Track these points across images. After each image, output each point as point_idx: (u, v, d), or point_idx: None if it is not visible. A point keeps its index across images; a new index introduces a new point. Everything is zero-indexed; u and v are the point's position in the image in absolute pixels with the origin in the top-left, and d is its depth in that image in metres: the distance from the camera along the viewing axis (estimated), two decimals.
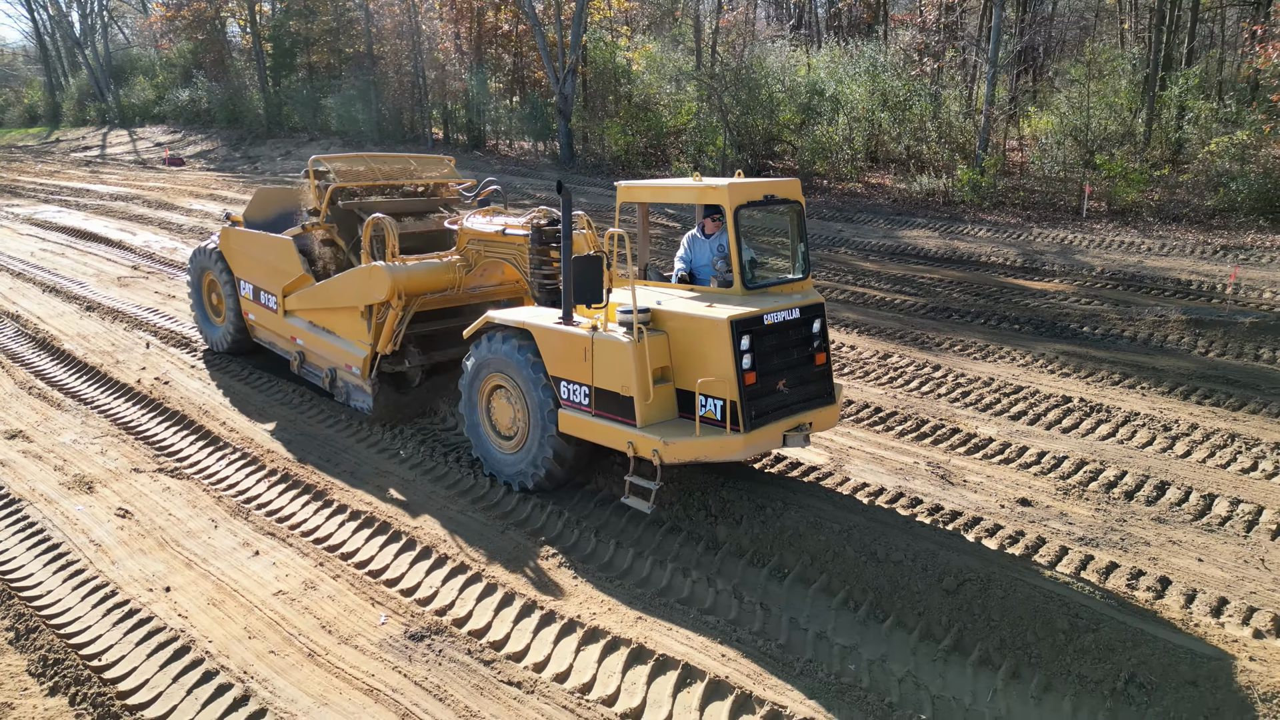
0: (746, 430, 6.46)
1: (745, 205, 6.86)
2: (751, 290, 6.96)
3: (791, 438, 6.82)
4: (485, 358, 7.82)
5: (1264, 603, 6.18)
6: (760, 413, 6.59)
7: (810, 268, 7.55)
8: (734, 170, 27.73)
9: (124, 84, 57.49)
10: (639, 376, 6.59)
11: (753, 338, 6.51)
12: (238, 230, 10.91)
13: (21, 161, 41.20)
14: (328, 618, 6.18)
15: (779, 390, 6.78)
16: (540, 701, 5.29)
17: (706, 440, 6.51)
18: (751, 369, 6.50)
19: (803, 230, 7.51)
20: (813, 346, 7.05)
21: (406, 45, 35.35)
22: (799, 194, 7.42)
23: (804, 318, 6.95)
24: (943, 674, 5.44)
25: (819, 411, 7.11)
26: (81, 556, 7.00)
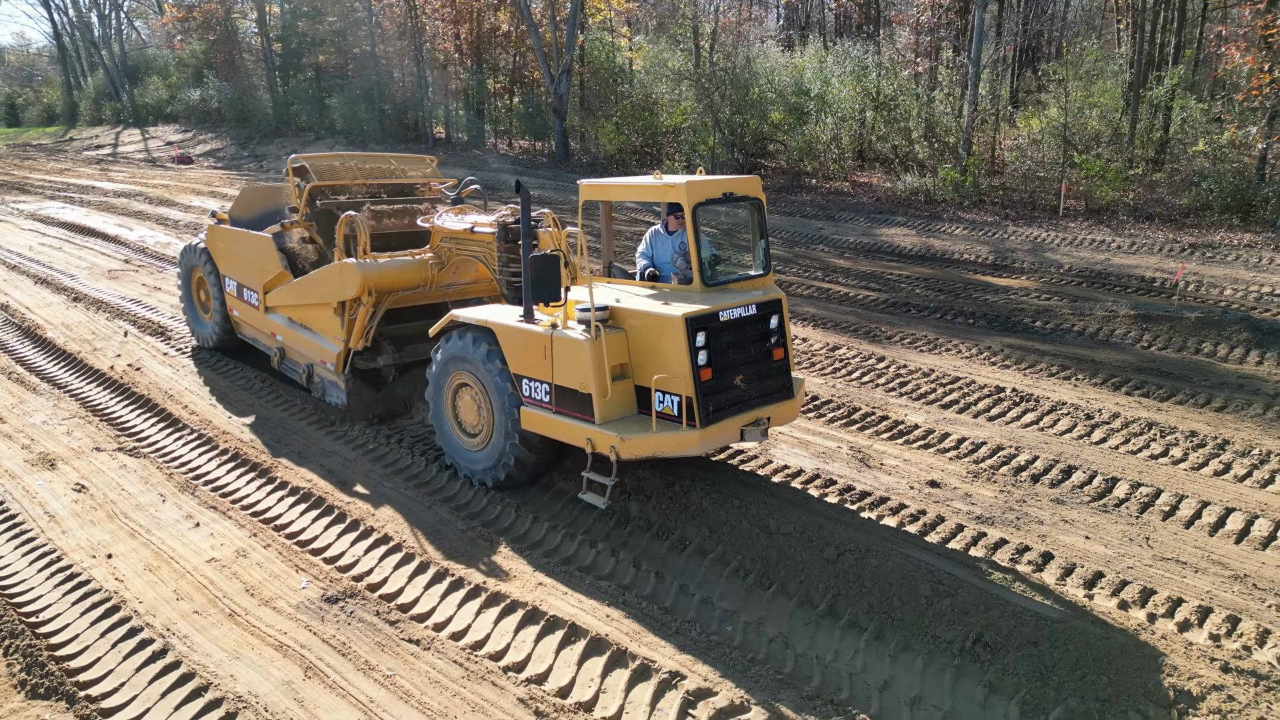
0: (703, 426, 6.51)
1: (704, 203, 6.92)
2: (711, 287, 7.02)
3: (749, 432, 6.88)
4: (450, 356, 7.88)
5: (1137, 577, 6.49)
6: (717, 408, 6.64)
7: (771, 264, 7.62)
8: (720, 169, 27.99)
9: (139, 84, 58.44)
10: (596, 373, 6.64)
11: (708, 334, 6.56)
12: (222, 228, 11.07)
13: (34, 159, 42.06)
14: (253, 582, 6.60)
15: (736, 386, 6.82)
16: (434, 656, 5.69)
17: (663, 436, 6.57)
18: (707, 365, 6.55)
19: (763, 227, 7.55)
20: (770, 342, 7.09)
21: (409, 46, 35.87)
22: (759, 191, 7.47)
23: (761, 314, 6.98)
24: (813, 635, 5.80)
25: (777, 406, 7.15)
26: (34, 526, 7.45)
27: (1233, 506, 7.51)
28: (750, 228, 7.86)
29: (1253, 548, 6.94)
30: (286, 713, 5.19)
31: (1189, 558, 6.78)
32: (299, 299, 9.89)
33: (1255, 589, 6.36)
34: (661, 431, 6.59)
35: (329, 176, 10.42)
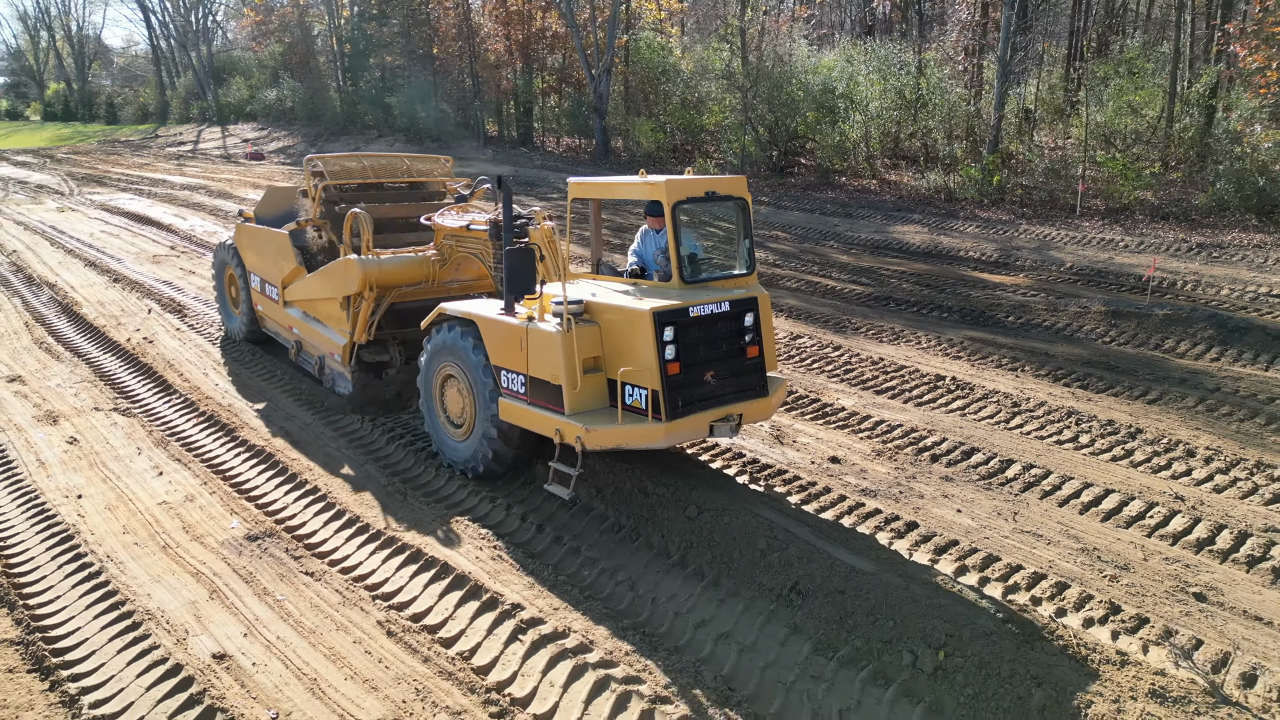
0: (668, 420, 6.60)
1: (685, 202, 7.03)
2: (690, 284, 7.07)
3: (719, 428, 6.96)
4: (437, 347, 8.09)
5: (988, 546, 6.88)
6: (685, 403, 6.71)
7: (755, 263, 7.69)
8: (754, 167, 28.37)
9: (223, 84, 61.53)
10: (566, 365, 6.76)
11: (677, 329, 6.63)
12: (248, 226, 11.64)
13: (120, 154, 44.79)
14: (191, 521, 7.48)
15: (706, 381, 6.88)
16: (321, 586, 6.46)
17: (628, 428, 6.68)
18: (675, 360, 6.63)
19: (748, 227, 7.58)
20: (744, 340, 7.13)
21: (463, 47, 37.14)
22: (744, 191, 7.51)
23: (735, 311, 7.02)
24: (658, 580, 6.38)
25: (750, 403, 7.18)
26: (25, 471, 8.50)
27: (1113, 488, 7.79)
28: (735, 227, 7.86)
29: (1115, 525, 7.24)
30: (183, 624, 6.01)
31: (1047, 532, 7.13)
32: (311, 293, 10.22)
33: (1098, 561, 6.69)
34: (627, 424, 6.70)
35: (343, 176, 10.77)
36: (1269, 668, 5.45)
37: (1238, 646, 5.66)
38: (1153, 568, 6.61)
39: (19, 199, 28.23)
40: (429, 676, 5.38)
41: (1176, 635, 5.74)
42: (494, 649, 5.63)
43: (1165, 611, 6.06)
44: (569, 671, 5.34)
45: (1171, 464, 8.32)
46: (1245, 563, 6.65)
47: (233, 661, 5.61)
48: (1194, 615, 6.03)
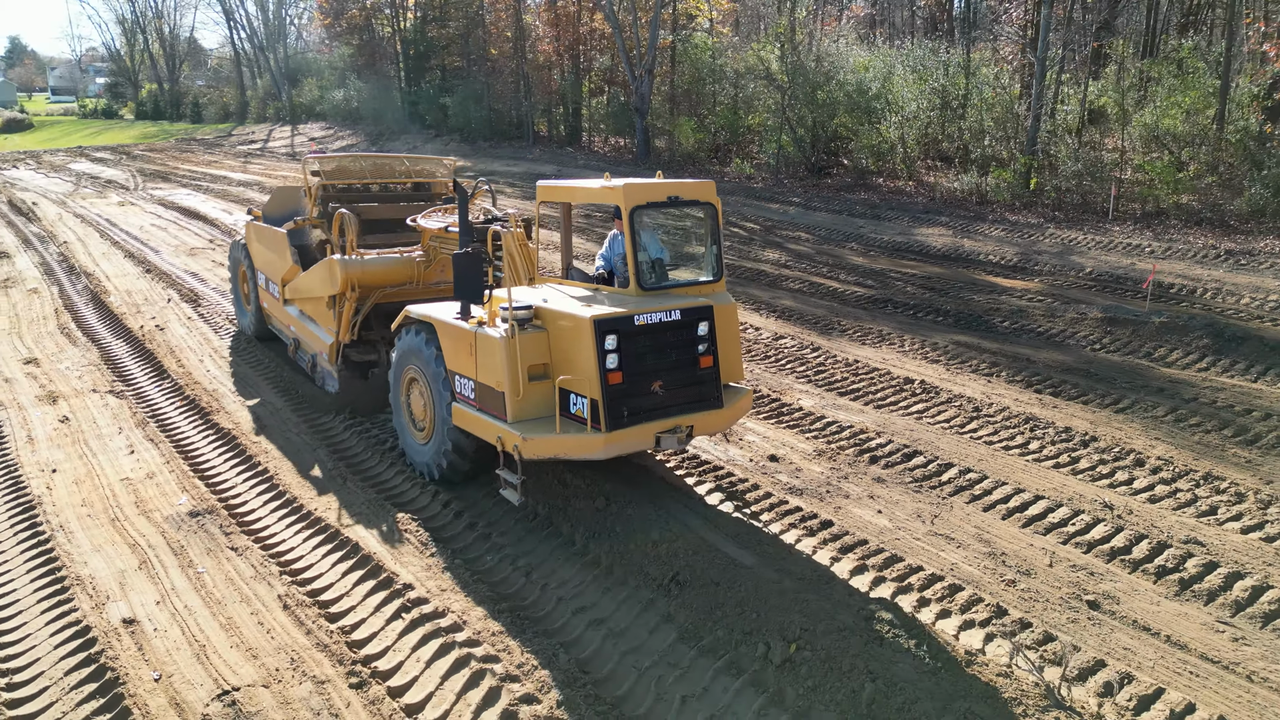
0: (608, 430, 6.43)
1: (645, 206, 6.96)
2: (648, 291, 6.99)
3: (665, 440, 6.73)
4: (403, 350, 8.09)
5: (895, 548, 6.89)
6: (631, 413, 6.56)
7: (723, 270, 7.57)
8: (791, 168, 28.19)
9: (297, 85, 63.72)
10: (509, 371, 6.65)
11: (620, 338, 6.48)
12: (256, 224, 11.95)
13: (192, 152, 46.78)
14: (145, 497, 7.94)
15: (653, 392, 6.69)
16: (241, 561, 6.81)
17: (566, 438, 6.57)
18: (617, 369, 6.47)
19: (716, 233, 7.45)
20: (697, 350, 6.93)
21: (514, 48, 37.80)
22: (712, 196, 7.38)
23: (686, 320, 6.83)
24: (555, 568, 6.57)
25: (702, 415, 6.97)
26: (12, 445, 9.11)
27: (1043, 495, 7.69)
28: (703, 233, 7.71)
29: (1033, 531, 7.16)
30: (106, 591, 6.43)
31: (960, 535, 7.09)
32: (303, 292, 10.36)
33: (1002, 565, 6.65)
34: (566, 433, 6.57)
35: (339, 175, 10.95)
36: (1138, 677, 5.38)
37: (1111, 654, 5.59)
38: (1056, 574, 6.53)
39: (87, 193, 29.80)
40: (306, 648, 5.67)
41: (1023, 635, 5.69)
42: (375, 625, 5.90)
43: (1052, 618, 6.00)
44: (436, 649, 5.56)
45: (1115, 473, 8.16)
46: (1154, 573, 6.52)
47: (138, 627, 5.99)
48: (1080, 623, 5.96)
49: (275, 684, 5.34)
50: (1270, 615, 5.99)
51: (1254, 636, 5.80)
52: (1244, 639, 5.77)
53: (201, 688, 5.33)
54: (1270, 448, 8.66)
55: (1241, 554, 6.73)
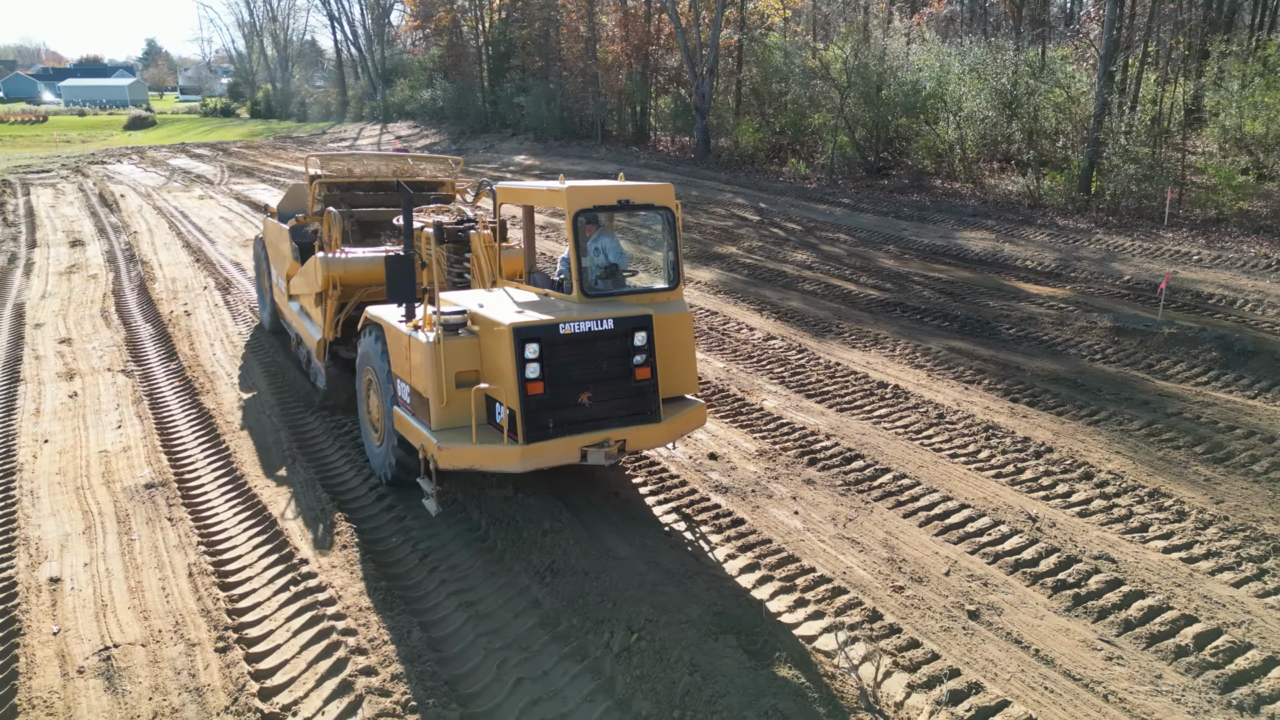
0: (525, 442, 6.28)
1: (592, 210, 6.87)
2: (591, 298, 6.87)
3: (592, 454, 6.51)
4: (362, 351, 8.15)
5: (797, 549, 6.86)
6: (556, 424, 6.40)
7: (681, 278, 7.38)
8: (850, 169, 27.73)
9: (391, 85, 66.03)
10: (434, 377, 6.55)
11: (543, 347, 6.30)
12: (269, 221, 12.39)
13: (284, 149, 48.97)
14: (113, 469, 8.52)
15: (581, 404, 6.52)
16: (172, 531, 7.26)
17: (482, 449, 6.41)
18: (538, 379, 6.30)
19: (674, 239, 7.24)
20: (632, 361, 6.67)
21: (585, 49, 38.30)
22: (670, 200, 7.19)
23: (620, 330, 6.59)
24: (455, 551, 6.78)
25: (635, 429, 6.73)
26: (20, 416, 9.88)
27: (970, 504, 7.52)
28: (661, 239, 7.45)
29: (944, 539, 7.02)
30: (46, 551, 6.95)
31: (867, 540, 7.01)
32: (298, 289, 10.75)
33: (897, 572, 6.55)
34: (483, 444, 6.41)
35: (339, 174, 11.19)
36: (987, 689, 5.26)
37: (971, 664, 5.48)
38: (949, 583, 6.40)
39: (175, 187, 31.62)
40: (192, 613, 6.04)
41: (840, 633, 5.60)
42: (262, 596, 6.24)
43: (925, 626, 5.91)
44: (306, 620, 5.86)
45: (1056, 485, 7.89)
46: (1052, 588, 6.32)
47: (60, 586, 6.47)
48: (954, 632, 5.84)
49: (153, 644, 5.72)
50: (1157, 637, 5.75)
51: (1131, 657, 5.58)
52: (1119, 659, 5.56)
53: (89, 643, 5.74)
54: (1237, 467, 8.22)
55: (1153, 574, 6.45)
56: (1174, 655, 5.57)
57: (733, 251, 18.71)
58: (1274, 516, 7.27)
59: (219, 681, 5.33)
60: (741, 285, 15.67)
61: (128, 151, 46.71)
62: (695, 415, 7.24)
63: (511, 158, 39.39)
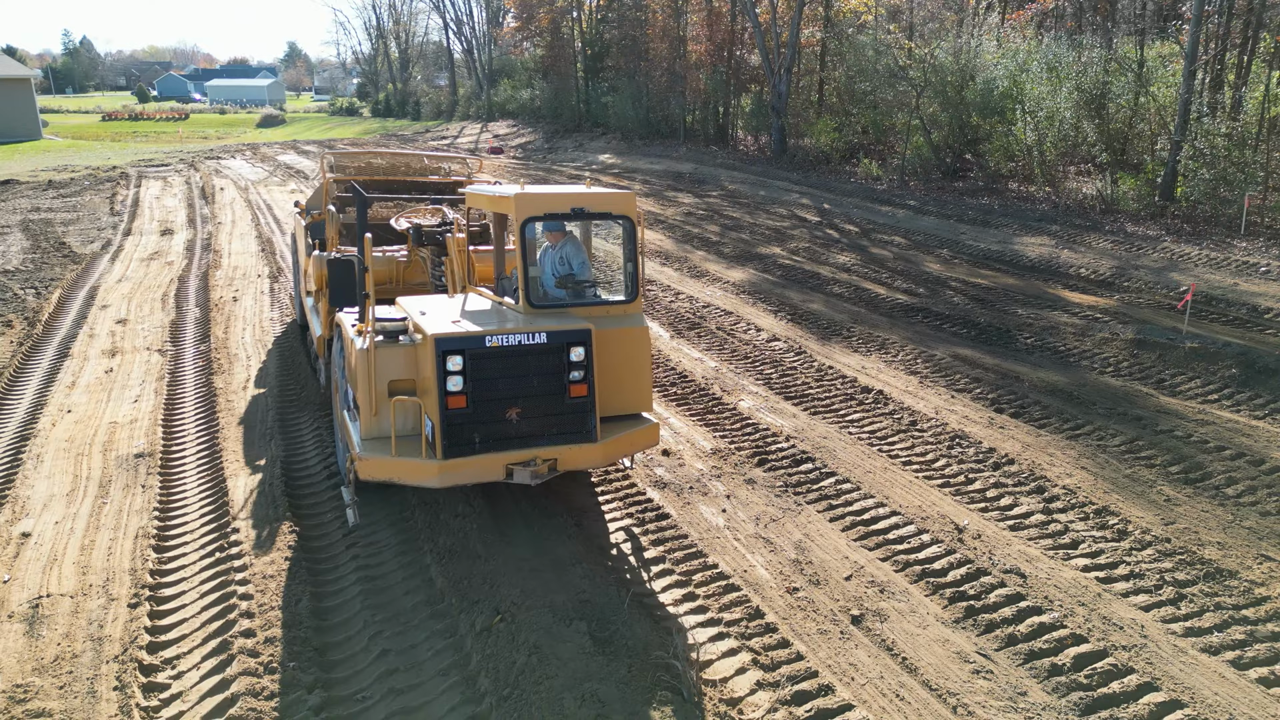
0: (444, 457, 6.14)
1: (542, 218, 6.75)
2: (538, 309, 6.72)
3: (519, 472, 6.30)
4: (331, 352, 8.17)
5: (706, 546, 6.92)
6: (481, 440, 6.26)
7: (640, 290, 7.12)
8: (926, 170, 27.00)
9: (495, 85, 67.92)
10: (364, 385, 6.48)
11: (467, 359, 6.13)
12: (296, 216, 12.96)
13: (386, 146, 51.00)
14: (115, 439, 9.25)
15: (508, 420, 6.33)
16: (139, 497, 7.84)
17: (400, 461, 6.24)
18: (460, 393, 6.13)
19: (633, 249, 7.01)
20: (567, 377, 6.42)
21: (669, 48, 38.53)
22: (629, 209, 6.96)
23: (554, 344, 6.35)
24: (380, 530, 7.12)
25: (568, 449, 6.48)
26: (57, 387, 10.80)
27: (901, 511, 7.40)
28: (622, 249, 7.27)
29: (861, 545, 6.94)
30: (28, 509, 7.65)
31: (781, 540, 7.00)
32: (310, 284, 10.94)
33: (798, 573, 6.54)
34: (401, 456, 6.26)
35: (351, 172, 11.59)
36: (837, 692, 5.23)
37: (832, 668, 5.45)
38: (845, 587, 6.35)
39: (273, 182, 33.43)
40: (121, 571, 6.57)
41: (682, 635, 5.62)
42: (188, 560, 6.72)
43: (803, 628, 5.90)
44: (215, 584, 6.31)
45: (1001, 498, 7.66)
46: (949, 598, 6.19)
47: (29, 540, 7.12)
48: (829, 634, 5.82)
49: (80, 597, 6.26)
50: (1037, 654, 5.58)
51: (1001, 673, 5.43)
52: (987, 672, 5.43)
53: (27, 592, 6.33)
54: (1208, 489, 7.79)
55: (1060, 591, 6.23)
56: (1047, 674, 5.40)
57: (776, 252, 18.59)
58: (1221, 541, 6.88)
59: (119, 634, 5.81)
60: (769, 286, 15.59)
61: (243, 148, 49.55)
62: (643, 435, 6.98)
63: (596, 156, 39.97)
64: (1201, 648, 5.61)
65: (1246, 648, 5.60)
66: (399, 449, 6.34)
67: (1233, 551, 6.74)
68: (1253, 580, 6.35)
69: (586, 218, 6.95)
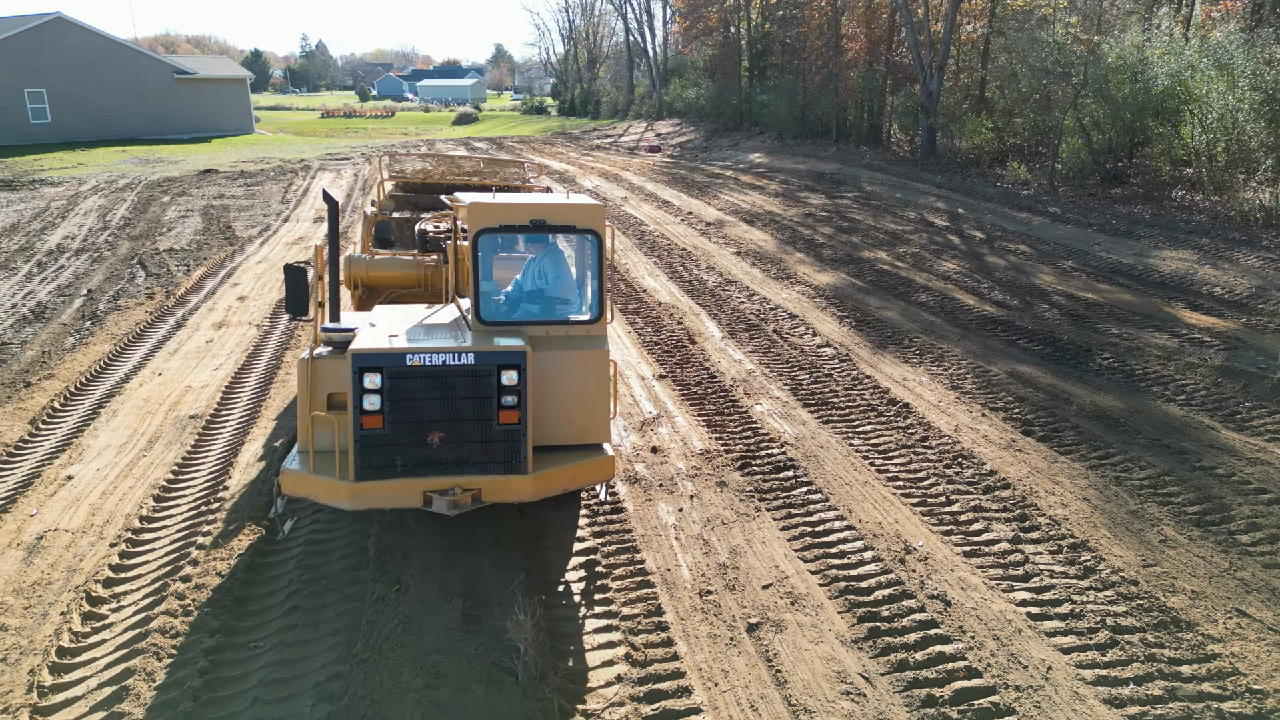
0: (356, 479, 5.86)
1: (498, 229, 6.44)
2: (488, 325, 6.41)
3: (438, 501, 5.93)
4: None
5: (645, 545, 7.00)
6: (395, 464, 5.95)
7: (605, 310, 6.64)
8: (1083, 176, 25.21)
9: (667, 85, 68.90)
10: (300, 397, 6.30)
11: (385, 378, 5.81)
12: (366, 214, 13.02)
13: (552, 144, 52.86)
14: (183, 401, 10.33)
15: (428, 444, 5.97)
16: (171, 453, 8.77)
17: (315, 479, 5.99)
18: (377, 413, 5.82)
19: (598, 265, 6.59)
20: (496, 402, 6.00)
21: (825, 46, 37.79)
22: (595, 222, 6.51)
23: (483, 366, 5.94)
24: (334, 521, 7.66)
25: (494, 479, 6.05)
26: (159, 355, 12.13)
27: (858, 528, 7.17)
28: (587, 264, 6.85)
29: (802, 558, 6.79)
30: (84, 455, 8.72)
31: (720, 546, 6.96)
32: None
33: (719, 577, 6.49)
34: (318, 474, 6.00)
35: (405, 175, 11.90)
36: (695, 702, 5.21)
37: (701, 673, 5.42)
38: (759, 595, 6.26)
39: None
40: (120, 515, 7.41)
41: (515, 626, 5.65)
42: (176, 512, 7.50)
43: (695, 630, 5.89)
44: (185, 536, 7.01)
45: (974, 522, 7.24)
46: (860, 617, 5.98)
47: (70, 482, 8.15)
48: (718, 640, 5.78)
49: (78, 534, 7.13)
50: (919, 683, 5.31)
51: (873, 697, 5.22)
52: (858, 695, 5.23)
53: (41, 525, 7.28)
54: (1219, 534, 7.02)
55: (979, 624, 5.86)
56: (920, 704, 5.15)
57: (879, 257, 17.98)
58: (1198, 590, 6.22)
59: (89, 567, 6.60)
60: (852, 292, 15.14)
61: (420, 143, 52.79)
62: (591, 468, 6.43)
63: (747, 156, 39.78)
64: (1105, 698, 5.14)
65: (1157, 705, 5.09)
66: (320, 466, 6.06)
67: (1205, 602, 6.08)
68: (1209, 635, 5.72)
69: (547, 230, 6.50)
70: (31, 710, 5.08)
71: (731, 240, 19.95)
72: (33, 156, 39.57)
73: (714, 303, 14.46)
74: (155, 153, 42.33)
